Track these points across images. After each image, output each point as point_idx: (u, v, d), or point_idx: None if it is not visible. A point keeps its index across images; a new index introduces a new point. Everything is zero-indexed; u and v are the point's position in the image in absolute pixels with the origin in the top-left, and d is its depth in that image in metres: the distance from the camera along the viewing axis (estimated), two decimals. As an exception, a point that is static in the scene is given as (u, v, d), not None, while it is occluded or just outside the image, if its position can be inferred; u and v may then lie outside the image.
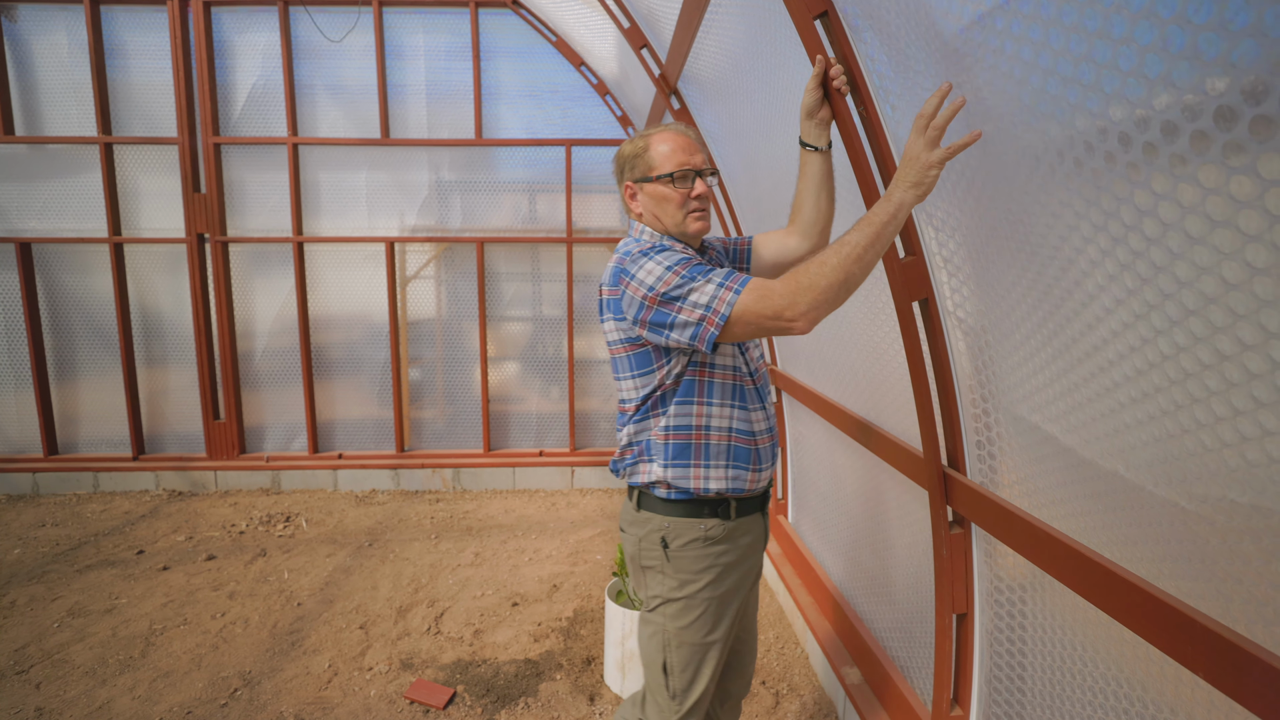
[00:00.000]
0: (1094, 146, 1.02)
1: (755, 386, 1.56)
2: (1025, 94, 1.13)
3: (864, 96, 1.55)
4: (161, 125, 4.67)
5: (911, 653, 2.20)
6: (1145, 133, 0.92)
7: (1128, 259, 1.02)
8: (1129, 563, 1.20)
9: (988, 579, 1.76)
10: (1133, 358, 1.07)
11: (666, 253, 1.41)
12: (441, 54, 4.70)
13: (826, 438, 2.84)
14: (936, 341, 1.67)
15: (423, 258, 4.94)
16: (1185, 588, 1.09)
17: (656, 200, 1.53)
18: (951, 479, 1.73)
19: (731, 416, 1.51)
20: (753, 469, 1.55)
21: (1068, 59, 1.01)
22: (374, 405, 5.03)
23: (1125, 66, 0.90)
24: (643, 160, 1.55)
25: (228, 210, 4.78)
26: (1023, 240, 1.28)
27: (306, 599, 3.33)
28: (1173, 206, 0.91)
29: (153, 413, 4.96)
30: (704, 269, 1.37)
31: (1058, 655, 1.51)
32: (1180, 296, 0.94)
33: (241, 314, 4.89)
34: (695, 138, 1.57)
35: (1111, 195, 1.01)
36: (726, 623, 1.58)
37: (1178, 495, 1.04)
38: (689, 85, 3.04)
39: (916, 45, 1.38)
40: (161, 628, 3.05)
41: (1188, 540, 1.06)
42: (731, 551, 1.55)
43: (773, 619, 3.13)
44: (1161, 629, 1.08)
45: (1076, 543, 1.31)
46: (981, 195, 1.37)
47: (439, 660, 2.82)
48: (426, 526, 4.28)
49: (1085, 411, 1.24)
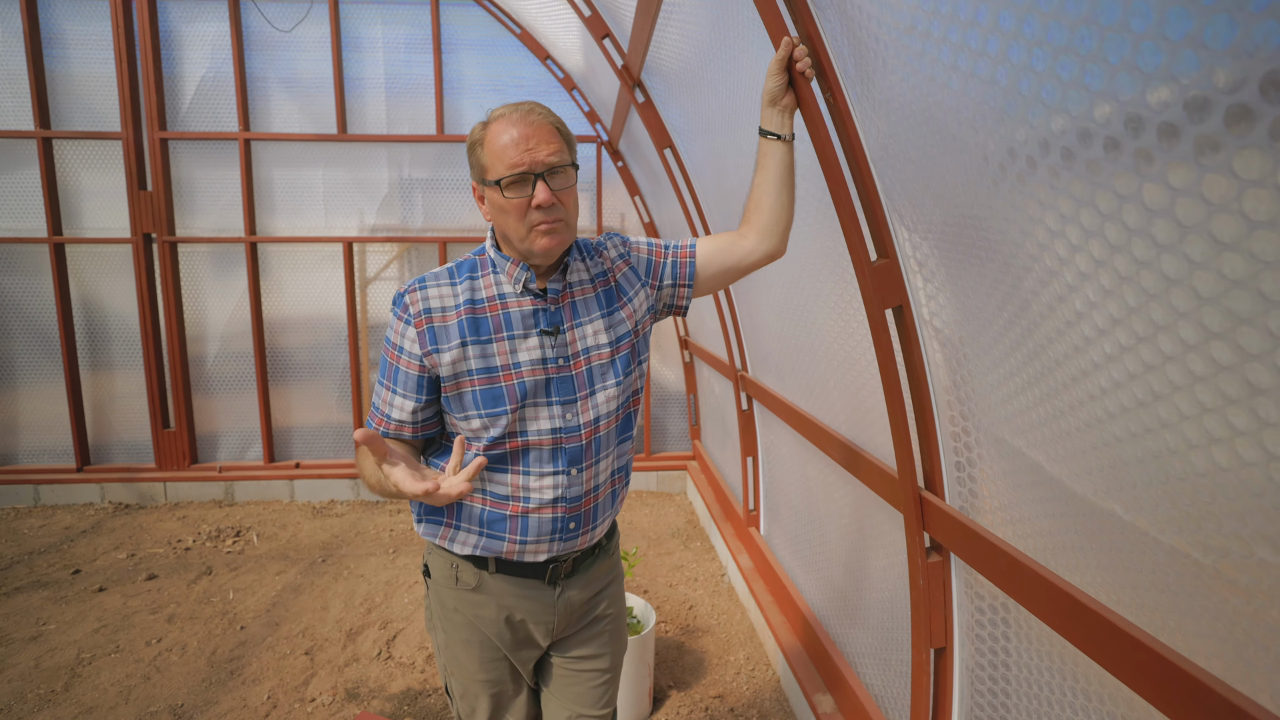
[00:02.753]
0: (1093, 135, 0.87)
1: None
2: (993, 94, 0.97)
3: (830, 81, 1.40)
4: (104, 119, 4.41)
5: (887, 682, 2.05)
6: (1138, 137, 0.77)
7: (1128, 269, 0.87)
8: (1126, 609, 1.06)
9: (968, 611, 1.61)
10: (1131, 386, 0.92)
11: (392, 323, 1.31)
12: (401, 46, 4.50)
13: (798, 449, 2.70)
14: (912, 353, 1.52)
15: (384, 258, 4.73)
16: (1195, 645, 0.95)
17: (496, 210, 1.23)
18: (928, 503, 1.59)
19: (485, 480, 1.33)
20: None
21: (1045, 50, 0.86)
22: (333, 411, 4.81)
23: (1114, 60, 0.75)
24: (478, 156, 1.22)
25: (176, 209, 4.54)
26: (999, 244, 1.13)
27: (251, 622, 3.12)
28: (1165, 215, 0.76)
29: (98, 421, 4.70)
30: (385, 369, 1.32)
31: (1045, 699, 1.37)
32: (1200, 315, 0.79)
33: (192, 317, 4.65)
34: (546, 121, 1.20)
35: (1113, 193, 0.86)
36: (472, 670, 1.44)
37: (1188, 545, 0.89)
38: (653, 77, 2.88)
39: (876, 21, 1.22)
40: (90, 656, 2.83)
41: (1199, 594, 0.92)
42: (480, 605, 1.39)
43: (743, 638, 2.98)
44: (1167, 692, 0.94)
45: (1065, 582, 1.16)
46: (955, 194, 1.22)
47: (387, 689, 2.63)
48: (385, 540, 4.08)
49: (1074, 440, 1.09)
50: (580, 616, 1.46)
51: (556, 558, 1.37)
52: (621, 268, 1.40)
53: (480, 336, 1.26)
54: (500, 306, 1.28)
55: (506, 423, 1.26)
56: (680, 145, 3.00)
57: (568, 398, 1.29)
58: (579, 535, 1.37)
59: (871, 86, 1.30)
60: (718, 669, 2.76)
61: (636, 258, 1.42)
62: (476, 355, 1.26)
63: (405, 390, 1.29)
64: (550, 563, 1.37)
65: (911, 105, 1.15)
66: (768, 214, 1.43)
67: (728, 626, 3.08)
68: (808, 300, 2.15)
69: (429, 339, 1.25)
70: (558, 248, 1.24)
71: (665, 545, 3.99)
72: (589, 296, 1.34)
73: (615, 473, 1.42)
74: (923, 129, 1.16)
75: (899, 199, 1.42)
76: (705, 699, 2.57)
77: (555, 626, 1.42)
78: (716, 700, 2.57)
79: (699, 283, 1.45)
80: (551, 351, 1.28)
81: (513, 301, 1.29)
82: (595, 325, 1.33)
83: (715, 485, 4.16)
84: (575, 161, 1.27)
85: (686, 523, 4.37)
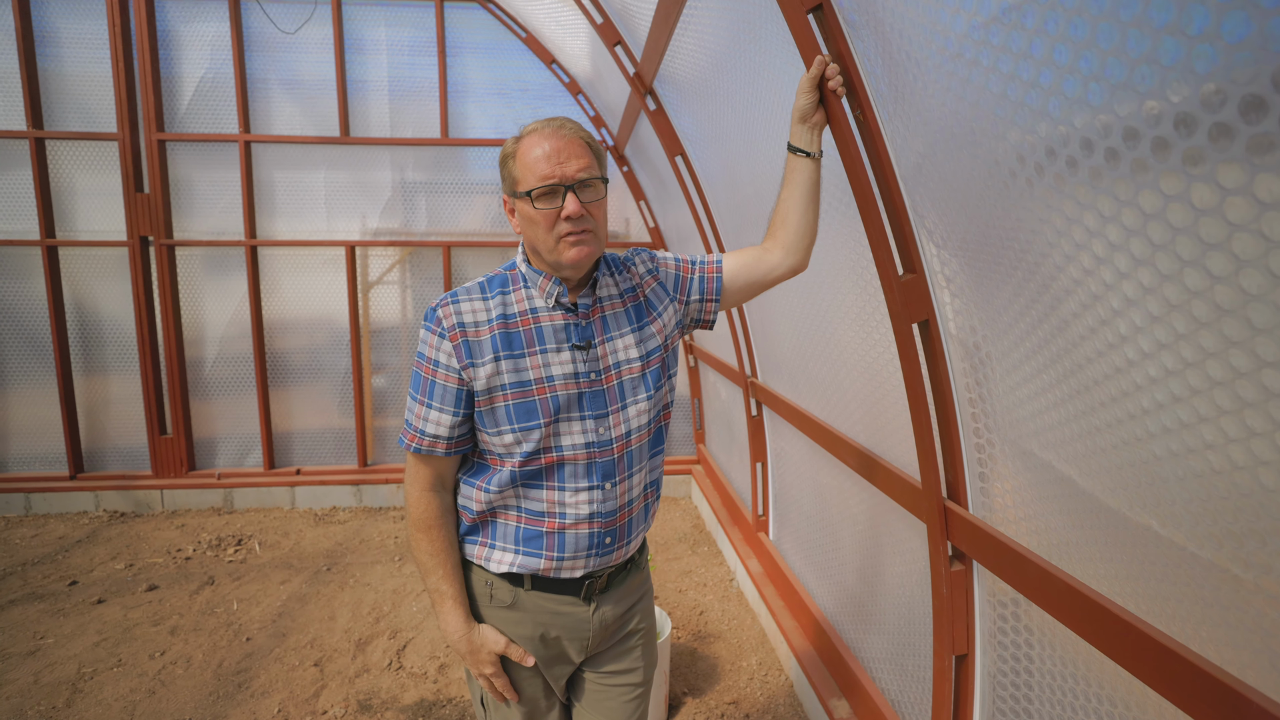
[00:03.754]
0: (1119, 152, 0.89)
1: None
2: (1011, 92, 1.00)
3: (861, 99, 1.42)
4: (99, 120, 4.36)
5: (904, 687, 2.08)
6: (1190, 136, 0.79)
7: (1152, 282, 0.89)
8: (1155, 619, 1.08)
9: (990, 619, 1.64)
10: (1175, 408, 0.94)
11: (424, 337, 1.30)
12: (405, 49, 4.48)
13: (811, 455, 2.72)
14: (937, 366, 1.55)
15: (386, 262, 4.71)
16: (1229, 655, 0.98)
17: (526, 221, 1.25)
18: (952, 512, 1.61)
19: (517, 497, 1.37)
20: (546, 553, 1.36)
21: (1101, 86, 0.88)
22: (334, 415, 4.78)
23: (1175, 98, 0.77)
24: (510, 169, 1.26)
25: (174, 211, 4.49)
26: (1022, 255, 1.16)
27: (257, 633, 3.10)
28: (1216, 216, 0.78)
29: (92, 427, 4.64)
30: (419, 383, 1.31)
31: (1068, 705, 1.39)
32: (1221, 325, 0.81)
33: (190, 320, 4.61)
34: (576, 136, 1.24)
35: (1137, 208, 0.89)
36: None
37: (1228, 560, 0.92)
38: (666, 85, 2.90)
39: (918, 45, 1.25)
40: (92, 671, 2.80)
41: (1234, 607, 0.94)
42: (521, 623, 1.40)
43: (754, 643, 3.01)
44: (1203, 702, 0.96)
45: (1093, 590, 1.19)
46: (980, 207, 1.24)
47: (400, 700, 2.63)
48: (390, 547, 4.07)
49: (1110, 456, 1.11)
50: (614, 632, 1.47)
51: (592, 573, 1.37)
52: (650, 283, 1.41)
53: (514, 351, 1.27)
54: (532, 321, 1.29)
55: (539, 437, 1.27)
56: (692, 153, 3.01)
57: (600, 412, 1.30)
58: (614, 550, 1.38)
59: (907, 106, 1.32)
60: (731, 675, 2.78)
61: (665, 273, 1.44)
62: (510, 370, 1.26)
63: (443, 405, 1.29)
64: (586, 578, 1.37)
65: (952, 128, 1.17)
66: (793, 229, 1.45)
67: (739, 632, 3.10)
68: (827, 311, 2.17)
69: (465, 352, 1.26)
70: (586, 259, 1.25)
71: (673, 550, 4.01)
72: (619, 311, 1.36)
73: (648, 486, 1.43)
74: (962, 151, 1.18)
75: (928, 215, 1.44)
76: (720, 705, 2.59)
77: (590, 642, 1.42)
78: (731, 706, 2.58)
79: (725, 297, 1.48)
80: (584, 366, 1.29)
81: (544, 316, 1.30)
82: (626, 340, 1.35)
83: (721, 489, 4.18)
84: (605, 176, 1.29)
85: (693, 527, 4.39)
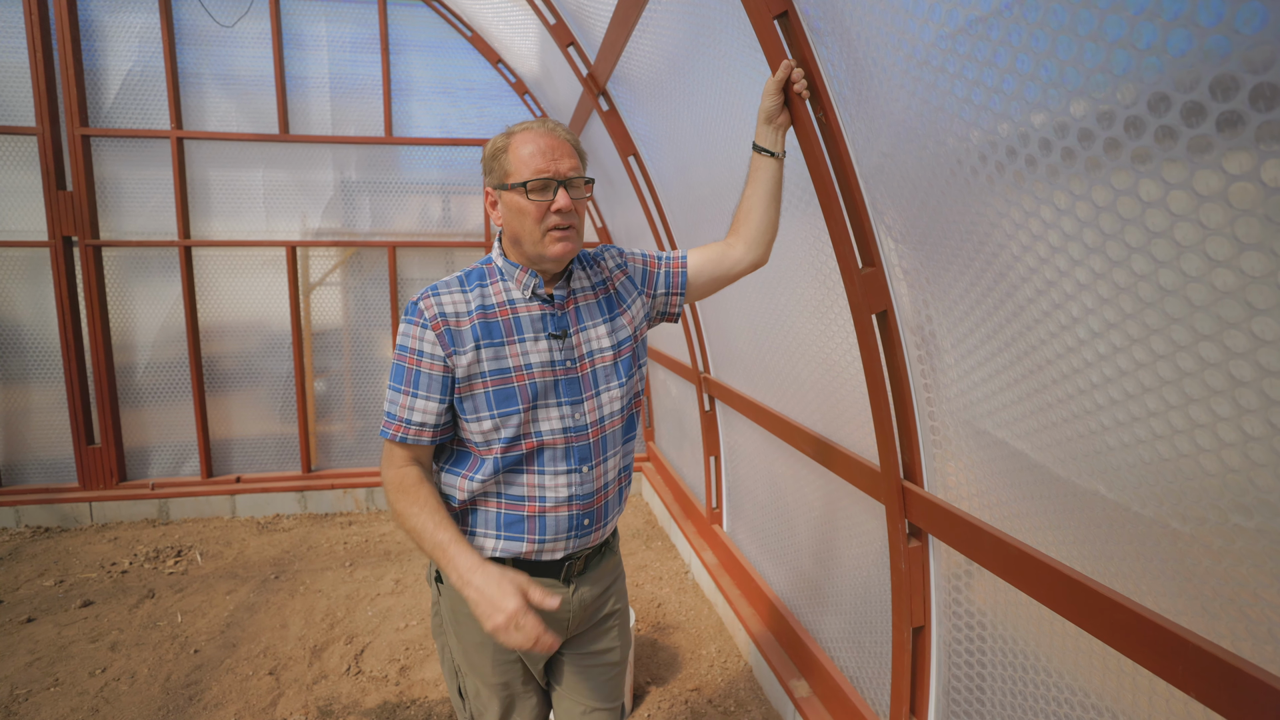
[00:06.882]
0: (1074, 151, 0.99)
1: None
2: (976, 97, 1.09)
3: (824, 102, 1.50)
4: (16, 113, 4.10)
5: (862, 663, 2.18)
6: (1139, 137, 0.89)
7: (1104, 267, 1.00)
8: (1102, 577, 1.19)
9: (945, 591, 1.75)
10: (1101, 366, 1.05)
11: (406, 330, 1.32)
12: (347, 45, 4.38)
13: (765, 447, 2.81)
14: (895, 354, 1.64)
15: (328, 263, 4.59)
16: (1166, 604, 1.09)
17: (513, 213, 1.30)
18: (910, 492, 1.71)
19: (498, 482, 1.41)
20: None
21: (1059, 91, 0.98)
22: (276, 421, 4.63)
23: (1126, 102, 0.87)
24: (500, 162, 1.31)
25: (100, 210, 4.26)
26: (980, 247, 1.26)
27: (205, 644, 2.98)
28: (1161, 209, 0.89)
29: (11, 438, 4.35)
30: (402, 375, 1.32)
31: (1019, 666, 1.50)
32: (1164, 304, 0.92)
33: (119, 325, 4.38)
34: (567, 138, 1.33)
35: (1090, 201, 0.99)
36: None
37: (1168, 515, 1.03)
38: (620, 86, 2.94)
39: (885, 53, 1.33)
40: (26, 692, 2.64)
41: (1173, 559, 1.05)
42: None
43: (712, 632, 3.08)
44: (1147, 647, 1.07)
45: (1042, 553, 1.30)
46: (942, 203, 1.34)
47: (362, 704, 2.58)
48: (340, 553, 3.97)
49: (1059, 430, 1.22)
50: (593, 614, 1.52)
51: (572, 555, 1.42)
52: (619, 277, 1.48)
53: (493, 340, 1.32)
54: (510, 311, 1.34)
55: (518, 422, 1.32)
56: (645, 153, 3.07)
57: (575, 398, 1.36)
58: (592, 531, 1.43)
59: (871, 109, 1.41)
60: (691, 663, 2.84)
61: (633, 268, 1.51)
62: (490, 358, 1.31)
63: (429, 393, 1.31)
64: (566, 560, 1.42)
65: (916, 129, 1.26)
66: (755, 225, 1.55)
67: (697, 622, 3.17)
68: (785, 304, 2.25)
69: (448, 340, 1.30)
70: (569, 255, 1.32)
71: (628, 546, 4.05)
72: (591, 303, 1.42)
73: (622, 471, 1.50)
74: (925, 151, 1.27)
75: (887, 212, 1.53)
76: (683, 693, 2.65)
77: (570, 623, 1.47)
78: (694, 693, 2.64)
79: (690, 291, 1.56)
80: (560, 354, 1.35)
81: (522, 307, 1.35)
82: (599, 330, 1.41)
83: (673, 485, 4.25)
84: (590, 178, 1.36)
85: (645, 523, 4.44)
